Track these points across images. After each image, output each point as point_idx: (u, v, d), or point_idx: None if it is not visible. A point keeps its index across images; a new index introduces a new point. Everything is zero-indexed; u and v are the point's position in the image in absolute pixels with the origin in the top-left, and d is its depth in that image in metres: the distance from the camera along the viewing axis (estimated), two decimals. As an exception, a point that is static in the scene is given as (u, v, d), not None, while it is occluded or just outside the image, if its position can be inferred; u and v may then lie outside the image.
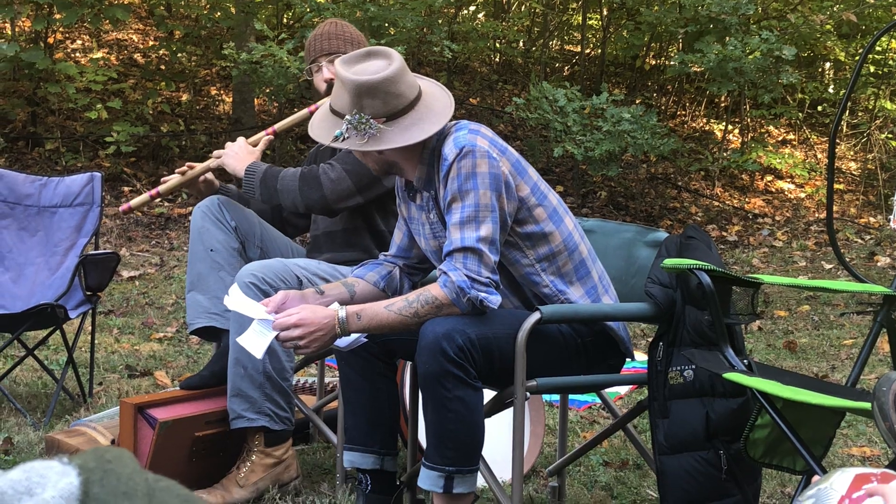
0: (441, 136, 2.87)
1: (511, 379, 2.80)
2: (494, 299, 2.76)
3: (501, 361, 2.77)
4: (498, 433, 3.58)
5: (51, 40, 10.39)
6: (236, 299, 2.96)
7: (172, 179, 3.75)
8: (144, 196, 3.80)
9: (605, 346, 3.00)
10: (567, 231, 2.94)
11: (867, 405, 2.07)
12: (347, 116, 2.81)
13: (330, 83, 3.53)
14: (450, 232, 2.78)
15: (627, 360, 3.10)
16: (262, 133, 3.75)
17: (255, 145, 3.69)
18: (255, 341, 2.86)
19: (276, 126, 3.78)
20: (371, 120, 2.80)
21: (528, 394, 2.81)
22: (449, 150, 2.79)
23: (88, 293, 4.40)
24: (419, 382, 2.77)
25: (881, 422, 1.98)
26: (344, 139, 2.82)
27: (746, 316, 2.83)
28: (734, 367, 2.63)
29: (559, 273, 2.93)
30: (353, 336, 2.90)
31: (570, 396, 4.11)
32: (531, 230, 2.88)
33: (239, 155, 3.61)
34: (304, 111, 3.65)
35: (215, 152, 3.71)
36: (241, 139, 3.69)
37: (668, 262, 2.76)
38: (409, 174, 2.95)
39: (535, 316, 2.77)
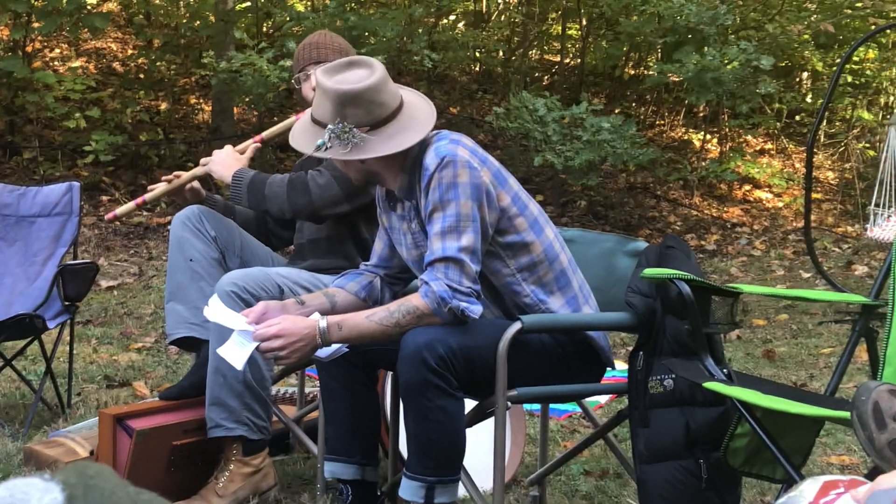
0: (422, 145, 2.88)
1: (492, 388, 2.80)
2: (476, 309, 2.76)
3: (483, 371, 2.77)
4: (478, 442, 3.57)
5: (29, 49, 10.35)
6: (216, 310, 2.95)
7: (159, 188, 3.75)
8: (130, 204, 3.79)
9: (585, 356, 3.00)
10: (548, 241, 2.95)
11: (846, 414, 2.08)
12: (330, 126, 2.81)
13: None
14: (431, 242, 2.78)
15: (608, 369, 3.10)
16: (250, 141, 3.75)
17: (242, 153, 3.69)
18: (235, 352, 2.85)
19: (264, 134, 3.78)
20: (354, 129, 2.80)
21: (509, 403, 2.81)
22: (430, 160, 2.79)
23: (67, 303, 4.38)
24: (400, 392, 2.76)
25: (860, 431, 1.99)
26: (326, 148, 2.82)
27: (726, 325, 2.85)
28: (714, 376, 2.64)
29: (540, 283, 2.93)
30: (335, 346, 2.89)
31: (551, 405, 4.11)
32: (512, 240, 2.88)
33: (226, 162, 3.61)
34: (292, 119, 3.65)
35: (202, 160, 3.71)
36: (228, 147, 3.69)
37: (648, 271, 2.77)
38: (391, 183, 2.95)
39: (516, 325, 2.77)
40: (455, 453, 2.80)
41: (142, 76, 11.14)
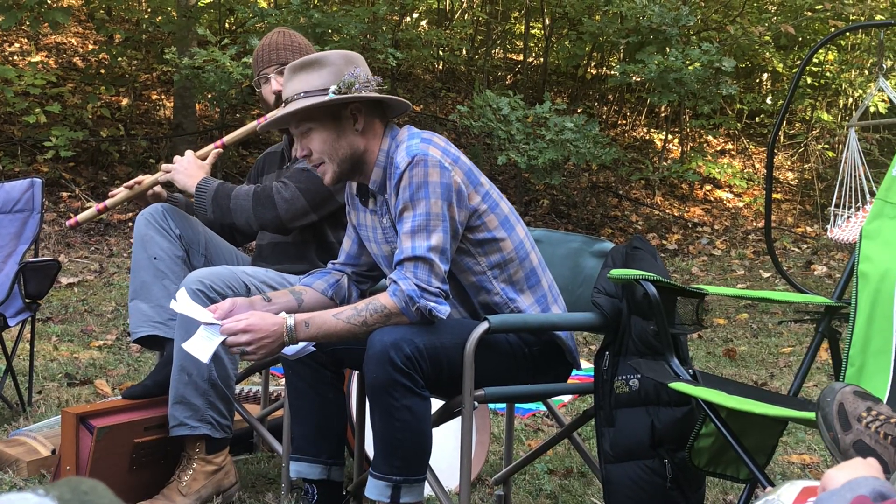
0: (395, 141, 2.89)
1: (459, 388, 2.80)
2: (443, 309, 2.76)
3: (450, 370, 2.77)
4: (443, 441, 3.58)
5: (-12, 43, 10.24)
6: (184, 303, 2.93)
7: (120, 194, 3.69)
8: (92, 210, 3.74)
9: (551, 356, 3.01)
10: (518, 239, 2.96)
11: (811, 415, 2.10)
12: (333, 87, 2.83)
13: (279, 94, 3.52)
14: (401, 241, 2.79)
15: (574, 369, 3.11)
16: (211, 146, 3.69)
17: (203, 159, 3.63)
18: (201, 346, 2.83)
19: (225, 139, 3.73)
20: (358, 80, 2.86)
21: (476, 403, 2.81)
22: (401, 158, 2.80)
23: (28, 301, 4.33)
24: (367, 392, 2.76)
25: (825, 432, 2.01)
26: (338, 95, 2.85)
27: (691, 326, 2.86)
28: (679, 376, 2.66)
29: (510, 281, 2.94)
30: (301, 344, 2.88)
31: (516, 404, 4.12)
32: (483, 237, 2.89)
33: (189, 171, 3.55)
34: (253, 124, 3.62)
35: (163, 166, 3.65)
36: (189, 153, 3.63)
37: (615, 272, 2.78)
38: (368, 170, 2.94)
39: (483, 325, 2.77)
40: (421, 453, 2.80)
41: (103, 71, 11.06)
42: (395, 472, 2.76)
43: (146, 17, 11.06)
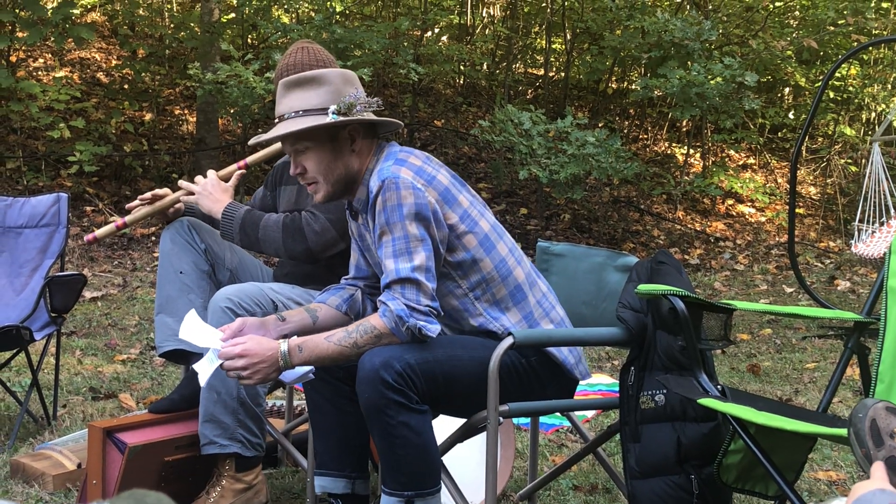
0: (378, 160, 2.90)
1: (460, 403, 2.81)
2: (433, 328, 2.76)
3: (446, 385, 2.77)
4: (468, 456, 3.57)
5: (13, 58, 10.31)
6: (189, 328, 2.92)
7: (140, 210, 3.64)
8: (110, 226, 3.73)
9: (553, 367, 2.99)
10: (500, 257, 2.94)
11: (843, 432, 2.09)
12: (333, 107, 2.84)
13: None
14: (384, 265, 2.80)
15: (580, 382, 3.07)
16: (234, 167, 3.66)
17: (226, 180, 3.61)
18: (203, 368, 2.86)
19: (248, 160, 3.71)
20: (359, 102, 2.88)
21: (500, 419, 2.81)
22: (373, 182, 2.83)
23: (54, 315, 4.35)
24: (363, 413, 2.75)
25: (857, 449, 1.99)
26: (337, 117, 2.86)
27: (718, 341, 2.85)
28: (708, 392, 2.65)
29: (493, 301, 2.93)
30: (301, 370, 2.88)
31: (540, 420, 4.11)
32: (461, 258, 2.88)
33: (213, 195, 3.52)
34: (277, 145, 3.60)
35: (184, 184, 3.62)
36: (211, 174, 3.59)
37: (643, 287, 2.78)
38: (357, 188, 2.95)
39: (508, 341, 2.77)
40: (427, 466, 2.79)
41: (126, 87, 11.11)
42: (405, 487, 2.76)
43: (169, 32, 11.12)
